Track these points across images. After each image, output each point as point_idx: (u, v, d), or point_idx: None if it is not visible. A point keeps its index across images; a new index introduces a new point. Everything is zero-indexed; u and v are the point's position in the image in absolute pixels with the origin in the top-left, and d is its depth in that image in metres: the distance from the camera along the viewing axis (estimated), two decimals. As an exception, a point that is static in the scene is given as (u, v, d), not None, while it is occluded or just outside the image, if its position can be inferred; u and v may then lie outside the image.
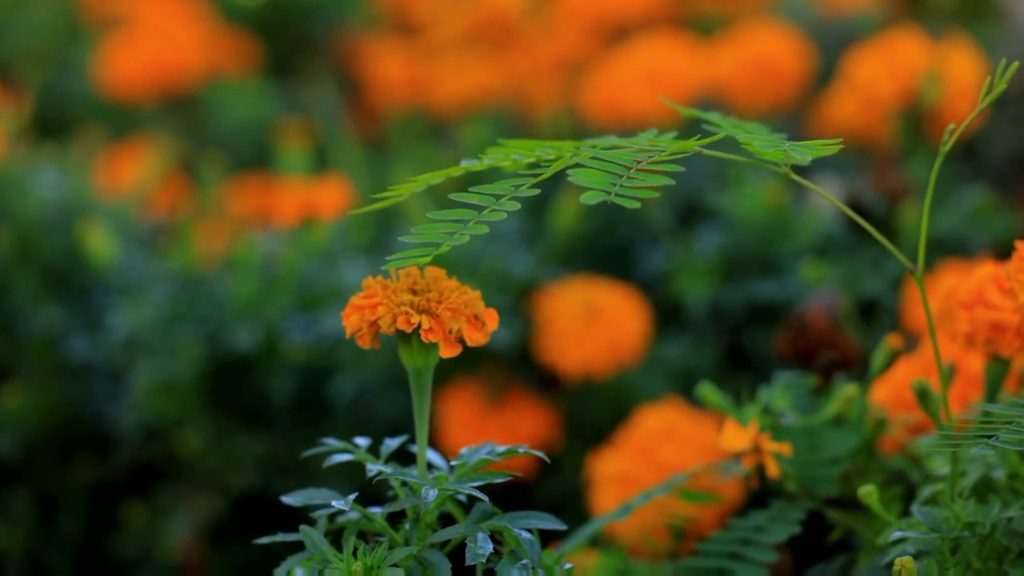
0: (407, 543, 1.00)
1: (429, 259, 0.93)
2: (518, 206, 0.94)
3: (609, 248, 2.27)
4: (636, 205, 0.90)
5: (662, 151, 0.94)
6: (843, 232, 2.02)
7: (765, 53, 2.41)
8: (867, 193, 1.95)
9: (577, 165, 0.93)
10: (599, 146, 0.96)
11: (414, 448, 1.03)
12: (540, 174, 0.95)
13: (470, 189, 0.95)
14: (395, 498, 1.03)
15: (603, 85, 2.42)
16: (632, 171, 0.92)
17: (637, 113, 2.25)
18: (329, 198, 2.06)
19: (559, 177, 2.18)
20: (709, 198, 2.10)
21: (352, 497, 1.00)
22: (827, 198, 0.99)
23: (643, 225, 2.19)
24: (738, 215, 2.03)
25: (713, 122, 1.04)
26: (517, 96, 2.85)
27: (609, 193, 0.90)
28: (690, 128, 0.99)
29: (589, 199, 0.91)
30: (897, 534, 1.07)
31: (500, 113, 2.80)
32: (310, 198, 2.05)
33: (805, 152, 0.97)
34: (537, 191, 0.95)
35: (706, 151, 0.97)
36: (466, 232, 0.93)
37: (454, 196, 0.95)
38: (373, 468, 1.01)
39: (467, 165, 0.99)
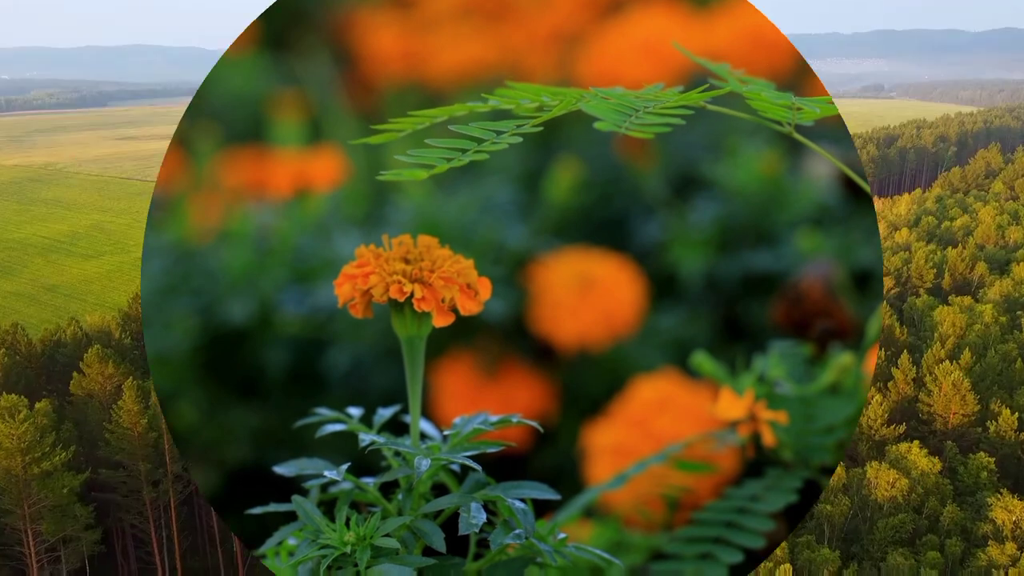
0: (400, 513, 1.00)
1: (425, 176, 0.91)
2: (520, 140, 0.93)
3: (604, 220, 2.27)
4: (649, 135, 0.90)
5: (667, 101, 0.94)
6: (838, 202, 2.02)
7: (760, 24, 2.39)
8: (861, 163, 1.93)
9: (591, 101, 0.93)
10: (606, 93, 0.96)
11: (408, 419, 1.03)
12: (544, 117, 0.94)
13: (472, 124, 0.94)
14: (388, 468, 1.02)
15: (599, 56, 2.42)
16: (640, 112, 0.92)
17: (633, 83, 2.24)
18: (323, 170, 2.06)
19: (554, 148, 2.18)
20: (704, 169, 2.09)
21: (345, 467, 0.99)
22: (832, 161, 0.99)
23: (638, 197, 2.19)
24: (733, 186, 2.03)
25: (720, 75, 1.04)
26: (513, 68, 2.85)
27: (620, 126, 0.90)
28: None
29: (603, 127, 0.91)
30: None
31: (495, 85, 2.79)
32: (304, 170, 2.05)
33: (815, 106, 0.96)
34: (540, 129, 0.94)
35: (711, 107, 0.97)
36: (465, 159, 0.92)
37: (455, 128, 0.94)
38: (366, 438, 1.00)
39: (471, 104, 0.99)
